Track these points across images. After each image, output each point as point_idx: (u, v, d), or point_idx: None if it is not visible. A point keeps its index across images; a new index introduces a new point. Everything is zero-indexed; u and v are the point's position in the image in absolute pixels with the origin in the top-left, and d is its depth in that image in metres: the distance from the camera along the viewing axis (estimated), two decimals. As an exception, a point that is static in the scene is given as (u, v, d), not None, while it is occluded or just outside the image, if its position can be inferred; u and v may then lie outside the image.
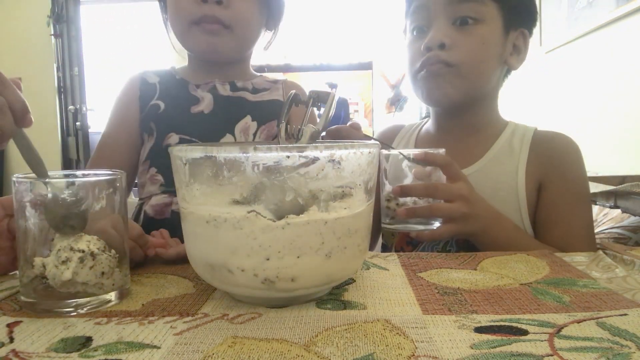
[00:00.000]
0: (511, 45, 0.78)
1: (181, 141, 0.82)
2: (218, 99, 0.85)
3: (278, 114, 0.86)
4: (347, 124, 0.65)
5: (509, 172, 0.76)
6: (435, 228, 0.65)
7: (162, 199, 0.80)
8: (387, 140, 0.92)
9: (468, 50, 0.74)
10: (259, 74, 0.94)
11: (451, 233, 0.65)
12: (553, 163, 0.76)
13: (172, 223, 0.76)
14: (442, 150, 0.66)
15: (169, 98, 0.84)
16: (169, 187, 0.81)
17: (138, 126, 0.85)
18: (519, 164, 0.76)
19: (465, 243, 0.73)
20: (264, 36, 0.89)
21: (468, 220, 0.64)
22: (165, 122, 0.83)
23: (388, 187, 0.67)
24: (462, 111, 0.80)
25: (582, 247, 0.66)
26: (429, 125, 0.90)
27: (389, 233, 0.85)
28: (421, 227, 0.66)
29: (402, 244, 0.82)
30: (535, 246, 0.67)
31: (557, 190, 0.75)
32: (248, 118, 0.85)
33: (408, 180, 0.66)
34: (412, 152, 0.66)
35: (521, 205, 0.75)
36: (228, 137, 0.83)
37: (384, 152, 0.67)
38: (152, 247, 0.59)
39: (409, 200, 0.66)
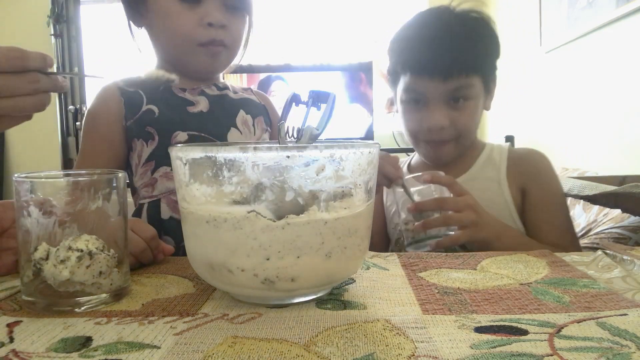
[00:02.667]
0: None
1: (190, 137, 0.82)
2: (211, 99, 0.87)
3: (266, 114, 0.93)
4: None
5: (493, 178, 0.87)
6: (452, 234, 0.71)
7: None
8: None
9: (464, 124, 0.84)
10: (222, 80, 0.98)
11: (466, 237, 0.71)
12: (531, 171, 0.87)
13: None
14: (441, 173, 0.75)
15: (159, 102, 0.83)
16: None
17: (122, 135, 0.83)
18: (500, 172, 0.87)
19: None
20: None
21: (479, 226, 0.71)
22: (166, 124, 0.82)
23: (404, 215, 0.74)
24: None
25: (567, 239, 0.80)
26: (417, 157, 0.99)
27: None
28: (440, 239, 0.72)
29: None
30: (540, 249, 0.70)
31: (538, 195, 0.85)
32: (242, 112, 0.89)
33: None
34: (418, 175, 0.73)
35: (510, 207, 0.85)
36: (233, 131, 0.86)
37: (396, 188, 0.76)
38: (161, 253, 0.59)
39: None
